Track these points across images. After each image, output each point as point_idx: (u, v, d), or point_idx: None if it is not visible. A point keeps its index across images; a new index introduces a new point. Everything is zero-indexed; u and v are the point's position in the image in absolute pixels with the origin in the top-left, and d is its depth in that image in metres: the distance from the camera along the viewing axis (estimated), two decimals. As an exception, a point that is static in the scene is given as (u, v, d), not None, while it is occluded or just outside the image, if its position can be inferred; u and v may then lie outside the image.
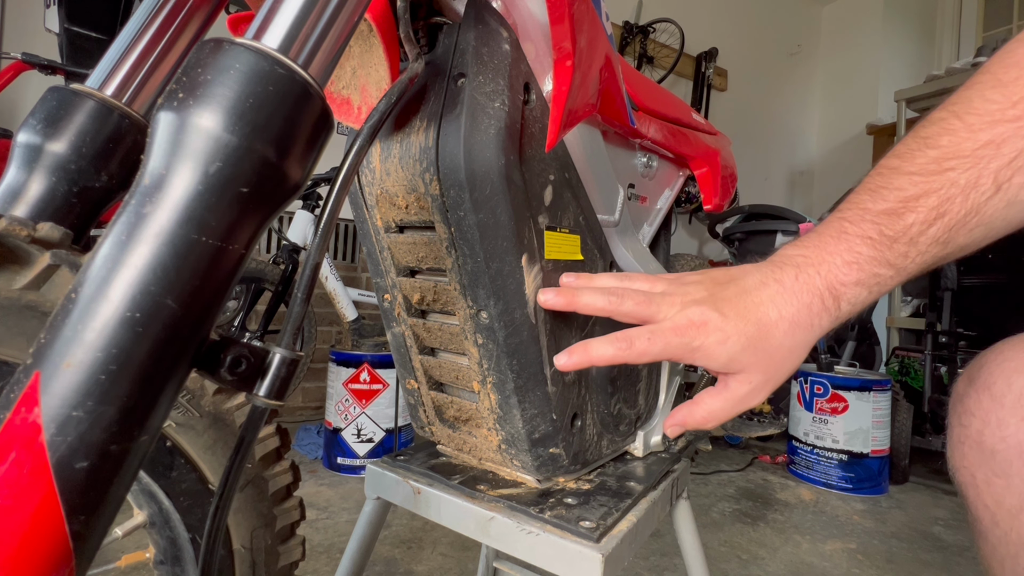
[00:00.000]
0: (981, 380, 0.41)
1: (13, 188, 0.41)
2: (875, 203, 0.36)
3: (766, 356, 0.38)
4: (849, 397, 1.85)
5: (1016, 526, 0.38)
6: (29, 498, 0.20)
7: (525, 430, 0.48)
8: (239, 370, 0.27)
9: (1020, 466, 0.38)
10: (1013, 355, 0.40)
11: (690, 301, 0.39)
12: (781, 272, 0.38)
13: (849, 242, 0.37)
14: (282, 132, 0.25)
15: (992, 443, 0.40)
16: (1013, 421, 0.38)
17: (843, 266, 0.36)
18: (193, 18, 0.47)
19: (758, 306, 0.38)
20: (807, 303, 0.37)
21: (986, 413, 0.40)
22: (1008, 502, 0.39)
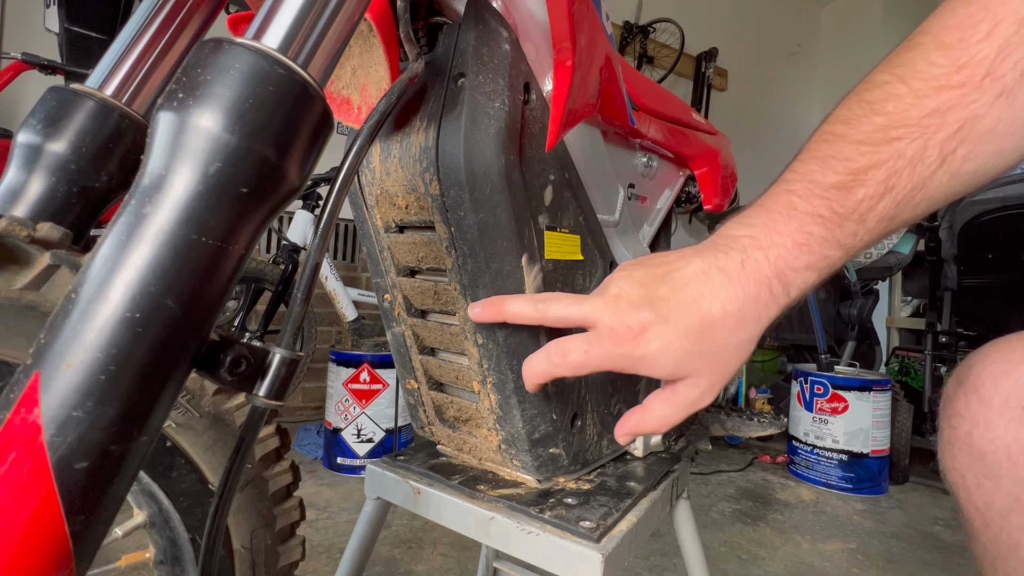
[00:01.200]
0: (969, 382, 0.41)
1: (13, 188, 0.41)
2: (824, 175, 0.34)
3: (712, 358, 0.36)
4: (849, 397, 1.85)
5: (1006, 527, 0.38)
6: (29, 498, 0.20)
7: (525, 430, 0.48)
8: (239, 370, 0.27)
9: (1008, 468, 0.38)
10: (1000, 356, 0.40)
11: (624, 302, 0.36)
12: (726, 258, 0.35)
13: (799, 220, 0.34)
14: (282, 132, 0.25)
15: (981, 445, 0.39)
16: (1001, 423, 0.38)
17: (793, 249, 0.34)
18: (193, 18, 0.47)
19: (700, 301, 0.35)
20: (754, 294, 0.34)
21: (974, 415, 0.40)
22: (998, 503, 0.39)
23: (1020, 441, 0.37)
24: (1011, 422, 0.38)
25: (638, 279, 0.37)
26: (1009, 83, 0.31)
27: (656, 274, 0.37)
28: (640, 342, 0.35)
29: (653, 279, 0.37)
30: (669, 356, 0.35)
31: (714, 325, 0.34)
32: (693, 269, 0.36)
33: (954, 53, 0.32)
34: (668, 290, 0.35)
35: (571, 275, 0.51)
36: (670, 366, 0.35)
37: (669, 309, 0.35)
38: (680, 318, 0.35)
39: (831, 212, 0.34)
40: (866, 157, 0.33)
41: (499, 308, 0.40)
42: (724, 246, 0.36)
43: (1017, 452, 0.37)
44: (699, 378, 0.36)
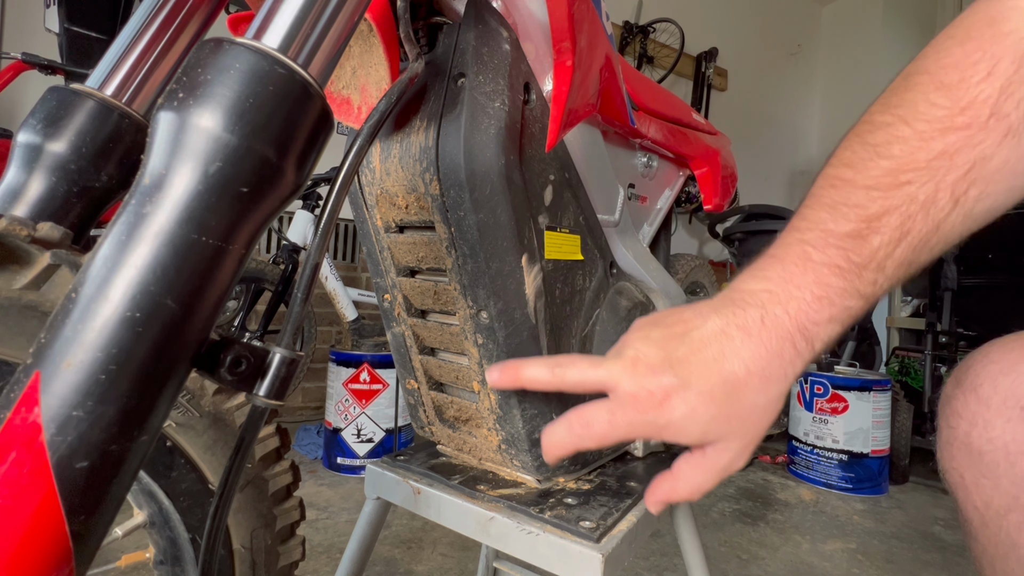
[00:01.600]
0: (968, 382, 0.41)
1: (13, 188, 0.41)
2: (837, 223, 0.33)
3: (740, 421, 0.34)
4: (849, 397, 1.85)
5: (1005, 526, 0.38)
6: (29, 498, 0.20)
7: (525, 430, 0.48)
8: (239, 370, 0.27)
9: (1007, 467, 0.38)
10: (998, 356, 0.40)
11: (644, 366, 0.34)
12: (744, 315, 0.34)
13: (816, 272, 0.33)
14: (282, 132, 0.25)
15: (979, 445, 0.39)
16: (999, 423, 0.38)
17: (813, 302, 0.33)
18: (193, 18, 0.47)
19: (721, 362, 0.33)
20: (778, 351, 0.33)
21: (973, 415, 0.40)
22: (996, 503, 0.38)
23: (1018, 441, 0.37)
24: (1009, 422, 0.38)
25: (656, 340, 0.35)
26: (1015, 122, 0.31)
27: (673, 334, 0.35)
28: (664, 409, 0.33)
29: (671, 339, 0.35)
30: (696, 422, 0.34)
31: (739, 386, 0.33)
32: (712, 327, 0.34)
33: (955, 94, 0.31)
34: (688, 351, 0.34)
35: (571, 275, 0.51)
36: (698, 432, 0.34)
37: (691, 372, 0.33)
38: (703, 381, 0.33)
39: (848, 262, 0.33)
40: (878, 203, 0.32)
41: (515, 374, 0.39)
42: (741, 301, 0.34)
43: (1015, 452, 0.37)
44: (729, 442, 0.35)
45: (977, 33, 0.32)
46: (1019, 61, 0.30)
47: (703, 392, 0.33)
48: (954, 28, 0.34)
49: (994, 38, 0.31)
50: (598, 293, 0.55)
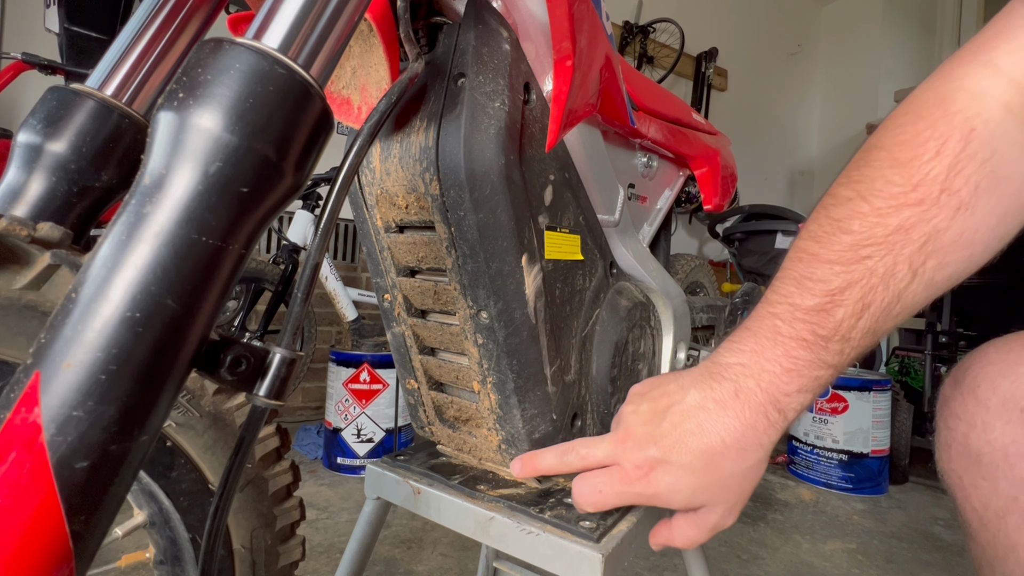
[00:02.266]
0: (966, 383, 0.41)
1: (13, 188, 0.41)
2: (803, 298, 0.35)
3: (721, 488, 0.37)
4: (849, 397, 1.85)
5: (1003, 528, 0.38)
6: (29, 498, 0.20)
7: (525, 430, 0.48)
8: (239, 370, 0.27)
9: (1006, 469, 0.38)
10: (997, 358, 0.40)
11: (632, 442, 0.38)
12: (720, 388, 0.37)
13: (785, 346, 0.35)
14: (282, 132, 0.25)
15: (978, 446, 0.40)
16: (998, 424, 0.38)
17: (783, 375, 0.35)
18: (193, 18, 0.47)
19: (700, 436, 0.36)
20: (751, 422, 0.35)
21: (972, 416, 0.40)
22: (995, 504, 0.39)
23: (1017, 443, 0.37)
24: (1008, 423, 0.38)
25: (642, 416, 0.39)
26: (965, 197, 0.32)
27: (658, 409, 0.38)
28: (649, 481, 0.37)
29: (655, 415, 0.38)
30: (679, 492, 0.37)
31: (716, 457, 0.36)
32: (690, 402, 0.37)
33: (908, 171, 0.33)
34: (669, 426, 0.37)
35: (571, 275, 0.51)
36: (683, 500, 0.37)
37: (671, 446, 0.36)
38: (682, 454, 0.36)
39: (814, 335, 0.35)
40: (840, 277, 0.34)
41: (534, 466, 0.45)
42: (718, 375, 0.37)
43: (1014, 454, 0.38)
44: (715, 507, 0.38)
45: (927, 112, 0.34)
46: (965, 139, 0.32)
47: (684, 465, 0.36)
48: (907, 105, 0.36)
49: (943, 117, 0.33)
50: (598, 293, 0.55)
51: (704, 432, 0.36)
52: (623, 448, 0.39)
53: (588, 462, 0.41)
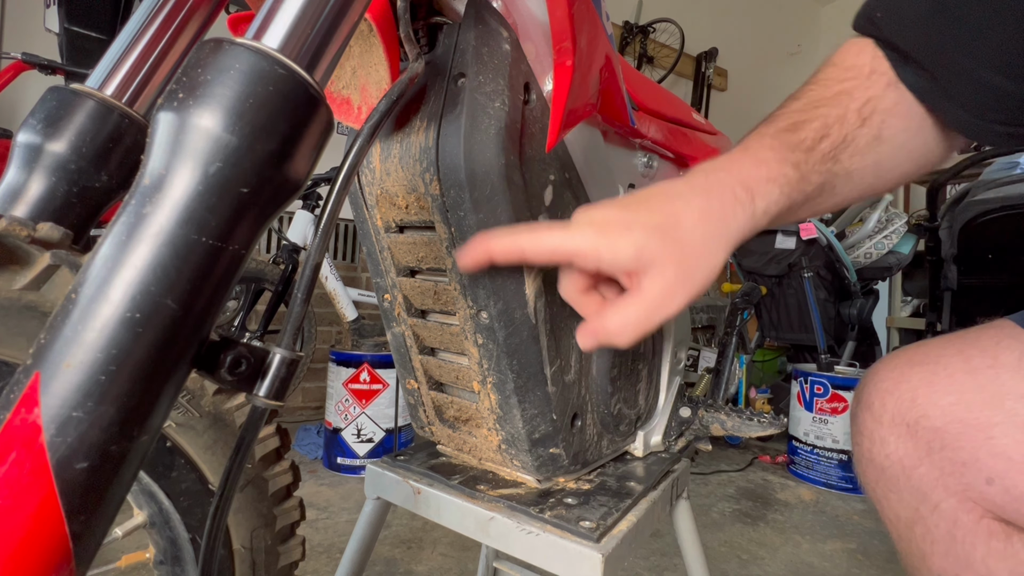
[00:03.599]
0: (864, 400, 0.44)
1: (13, 188, 0.41)
2: (769, 127, 0.40)
3: (677, 245, 0.34)
4: (849, 397, 1.85)
5: (913, 538, 0.41)
6: (29, 498, 0.20)
7: (525, 430, 0.48)
8: (239, 370, 0.27)
9: (905, 480, 0.40)
10: (885, 375, 0.43)
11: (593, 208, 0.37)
12: (690, 177, 0.38)
13: (755, 153, 0.38)
14: (282, 132, 0.25)
15: (880, 460, 0.42)
16: (892, 439, 0.41)
17: (752, 166, 0.37)
18: (193, 18, 0.47)
19: (664, 201, 0.36)
20: (718, 195, 0.36)
21: (871, 432, 0.43)
22: (903, 515, 0.42)
23: (910, 456, 0.40)
24: (900, 438, 0.41)
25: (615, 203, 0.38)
26: (892, 78, 0.40)
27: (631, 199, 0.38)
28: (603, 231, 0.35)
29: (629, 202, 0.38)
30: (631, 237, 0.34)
31: (677, 215, 0.35)
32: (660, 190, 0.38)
33: (840, 65, 0.42)
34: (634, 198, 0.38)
35: (571, 275, 0.51)
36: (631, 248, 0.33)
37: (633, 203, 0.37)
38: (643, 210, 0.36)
39: (781, 143, 0.38)
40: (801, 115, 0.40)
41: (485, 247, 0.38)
42: (692, 173, 0.39)
43: (910, 466, 0.40)
44: (664, 267, 0.34)
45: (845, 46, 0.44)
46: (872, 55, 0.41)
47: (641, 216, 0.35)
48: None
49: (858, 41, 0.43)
50: (598, 293, 0.55)
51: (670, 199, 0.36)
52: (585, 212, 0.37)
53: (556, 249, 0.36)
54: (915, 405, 0.40)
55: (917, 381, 0.41)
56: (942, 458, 0.39)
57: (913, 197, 3.35)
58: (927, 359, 0.42)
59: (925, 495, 0.40)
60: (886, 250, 2.35)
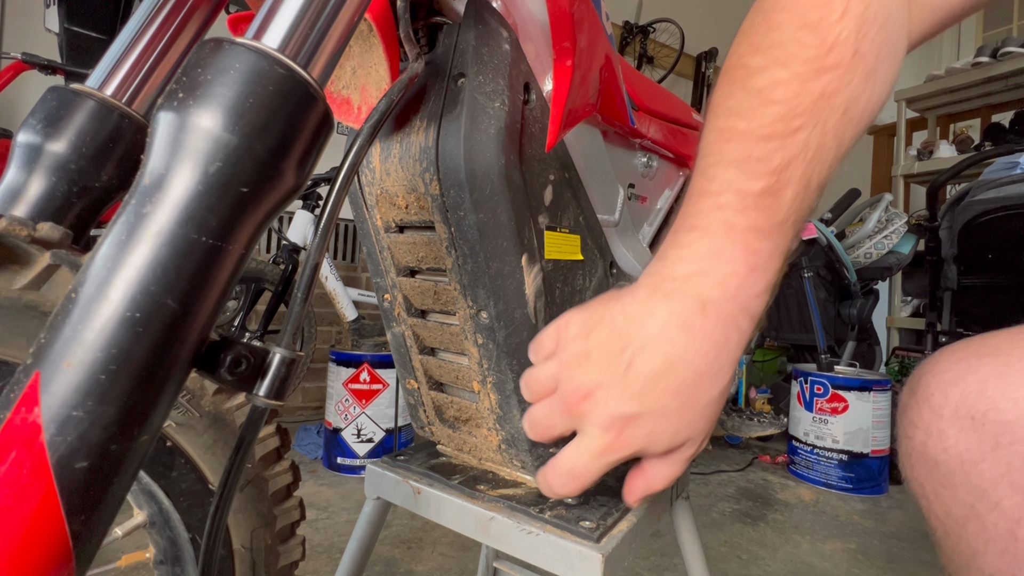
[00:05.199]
0: (921, 391, 0.41)
1: (13, 188, 0.41)
2: (749, 182, 0.32)
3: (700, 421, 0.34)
4: (849, 397, 1.85)
5: (964, 536, 0.39)
6: (29, 498, 0.20)
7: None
8: (239, 370, 0.27)
9: (962, 476, 0.38)
10: (948, 366, 0.40)
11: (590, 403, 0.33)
12: (683, 310, 0.32)
13: (744, 240, 0.32)
14: (282, 132, 0.25)
15: (935, 454, 0.40)
16: (952, 432, 0.38)
17: (749, 275, 0.32)
18: (193, 18, 0.47)
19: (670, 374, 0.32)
20: (723, 341, 0.32)
21: (927, 425, 0.40)
22: (955, 512, 0.39)
23: (971, 450, 0.38)
24: (962, 431, 0.38)
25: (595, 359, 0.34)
26: (871, 62, 0.32)
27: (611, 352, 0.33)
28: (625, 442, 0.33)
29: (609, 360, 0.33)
30: (660, 440, 0.34)
31: (691, 391, 0.32)
32: (649, 335, 0.32)
33: (820, 32, 0.31)
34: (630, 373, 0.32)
35: (571, 275, 0.51)
36: (663, 446, 0.34)
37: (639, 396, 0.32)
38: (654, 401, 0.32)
39: (770, 222, 0.32)
40: (779, 154, 0.31)
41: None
42: (674, 292, 0.32)
43: (969, 461, 0.38)
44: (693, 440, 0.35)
45: None
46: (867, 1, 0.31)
47: (658, 411, 0.33)
48: None
49: None
50: (598, 293, 0.55)
51: (674, 368, 0.32)
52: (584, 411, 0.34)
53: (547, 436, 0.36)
54: (984, 397, 0.37)
55: (987, 372, 0.38)
56: (1011, 453, 0.37)
57: (913, 197, 3.35)
58: (999, 351, 0.39)
59: (985, 492, 0.38)
60: (886, 250, 2.35)
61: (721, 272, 0.32)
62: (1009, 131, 2.80)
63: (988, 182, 1.96)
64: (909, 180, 3.18)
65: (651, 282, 0.34)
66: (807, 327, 2.29)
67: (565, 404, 0.34)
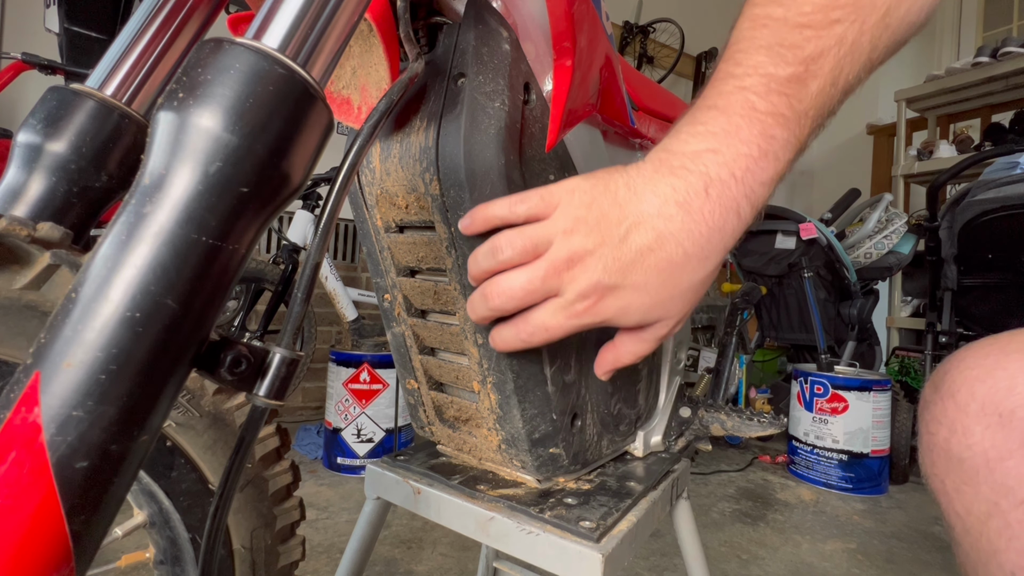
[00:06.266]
0: (945, 388, 0.41)
1: (13, 188, 0.41)
2: (777, 67, 0.30)
3: (675, 301, 0.33)
4: (849, 397, 1.85)
5: (985, 532, 0.38)
6: (29, 498, 0.20)
7: (525, 430, 0.48)
8: (239, 370, 0.27)
9: (987, 473, 0.38)
10: (974, 363, 0.40)
11: (578, 268, 0.33)
12: (684, 186, 0.31)
13: (762, 123, 0.30)
14: (282, 132, 0.25)
15: (959, 451, 0.39)
16: (978, 429, 0.38)
17: (761, 160, 0.31)
18: (193, 18, 0.47)
19: (658, 251, 0.31)
20: (720, 225, 0.31)
21: (952, 421, 0.40)
22: (977, 509, 0.39)
23: (997, 447, 0.37)
24: (988, 428, 0.38)
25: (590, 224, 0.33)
26: None
27: (608, 222, 0.33)
28: (598, 310, 0.34)
29: (604, 224, 0.33)
30: (631, 315, 0.34)
31: (675, 271, 0.32)
32: (647, 210, 0.32)
33: None
34: (621, 244, 0.32)
35: (571, 275, 0.51)
36: (634, 322, 0.35)
37: (624, 268, 0.32)
38: (636, 275, 0.32)
39: (791, 110, 0.31)
40: (812, 44, 0.30)
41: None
42: (680, 168, 0.31)
43: (995, 458, 0.38)
44: (665, 321, 0.35)
45: None
46: None
47: (638, 286, 0.32)
48: None
49: None
50: (598, 293, 0.55)
51: (664, 244, 0.31)
52: (570, 278, 0.33)
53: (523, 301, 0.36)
54: (1013, 394, 0.37)
55: (1016, 369, 0.38)
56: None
57: (913, 197, 3.35)
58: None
59: (1010, 489, 0.38)
60: (886, 250, 2.35)
61: (733, 151, 0.31)
62: (1009, 131, 2.80)
63: (988, 182, 1.96)
64: (909, 180, 3.18)
65: (659, 157, 0.33)
66: (807, 327, 2.29)
67: (552, 268, 0.34)
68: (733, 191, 0.31)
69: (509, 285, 0.36)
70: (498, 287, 0.36)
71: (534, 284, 0.35)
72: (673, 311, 0.34)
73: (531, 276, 0.35)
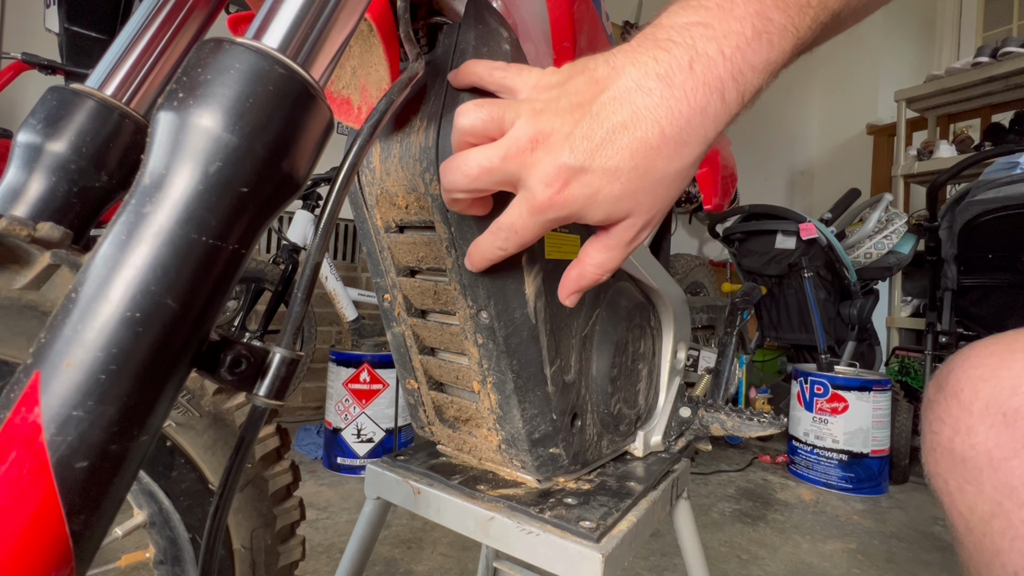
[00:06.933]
0: (949, 387, 0.41)
1: (13, 188, 0.41)
2: None
3: (647, 194, 0.30)
4: (849, 397, 1.85)
5: (988, 532, 0.38)
6: (29, 498, 0.20)
7: (525, 430, 0.48)
8: (239, 370, 0.27)
9: (990, 473, 0.38)
10: (979, 361, 0.40)
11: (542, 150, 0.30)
12: (668, 58, 0.28)
13: (761, 4, 0.28)
14: (282, 132, 0.25)
15: (962, 450, 0.39)
16: (982, 428, 0.38)
17: (753, 40, 0.28)
18: (193, 18, 0.47)
19: (633, 128, 0.28)
20: (702, 105, 0.28)
21: (955, 420, 0.40)
22: (980, 508, 0.38)
23: (1001, 447, 0.37)
24: (992, 427, 0.38)
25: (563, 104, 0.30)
26: None
27: (582, 101, 0.30)
28: (564, 202, 0.30)
29: (577, 109, 0.30)
30: (599, 205, 0.30)
31: (650, 154, 0.29)
32: (625, 84, 0.29)
33: None
34: (593, 122, 0.29)
35: (571, 275, 0.51)
36: (602, 214, 0.31)
37: (593, 149, 0.29)
38: (607, 157, 0.29)
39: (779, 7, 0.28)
40: None
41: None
42: (667, 41, 0.29)
43: (998, 458, 0.37)
44: (636, 218, 0.32)
45: None
46: None
47: (608, 169, 0.29)
48: None
49: None
50: (598, 293, 0.55)
51: (639, 122, 0.28)
52: (531, 161, 0.30)
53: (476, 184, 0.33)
54: (1017, 393, 0.37)
55: (1020, 368, 0.37)
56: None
57: (913, 197, 3.35)
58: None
59: (1014, 489, 0.37)
60: (886, 250, 2.36)
61: (724, 27, 0.28)
62: (1009, 131, 2.80)
63: (988, 182, 1.96)
64: (909, 180, 3.18)
65: (646, 32, 0.31)
66: (807, 327, 2.29)
67: (515, 146, 0.31)
68: (719, 69, 0.28)
69: (465, 161, 0.33)
70: (454, 162, 0.33)
71: (492, 163, 0.32)
72: (645, 205, 0.31)
73: (489, 154, 0.32)
